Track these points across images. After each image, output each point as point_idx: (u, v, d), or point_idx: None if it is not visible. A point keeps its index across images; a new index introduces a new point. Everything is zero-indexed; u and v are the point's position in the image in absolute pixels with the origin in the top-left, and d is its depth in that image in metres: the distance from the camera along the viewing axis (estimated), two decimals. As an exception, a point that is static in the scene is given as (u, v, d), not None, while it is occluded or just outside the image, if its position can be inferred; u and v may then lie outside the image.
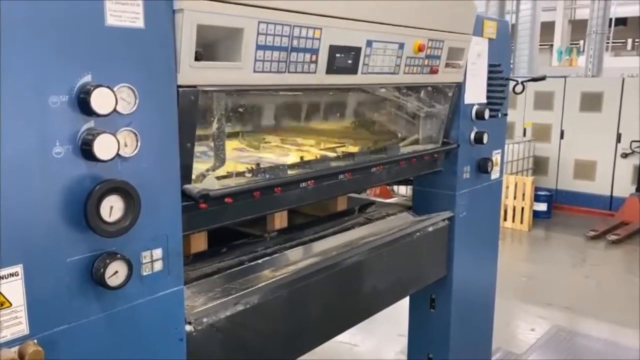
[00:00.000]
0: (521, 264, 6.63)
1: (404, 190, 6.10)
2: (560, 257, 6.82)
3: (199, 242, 2.02)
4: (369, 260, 2.38)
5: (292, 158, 2.32)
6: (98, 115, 1.25)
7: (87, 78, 1.26)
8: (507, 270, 5.50)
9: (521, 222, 7.90)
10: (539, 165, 9.10)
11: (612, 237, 7.31)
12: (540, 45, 14.08)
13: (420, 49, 2.24)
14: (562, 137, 8.93)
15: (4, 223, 1.16)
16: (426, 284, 2.88)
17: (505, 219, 7.89)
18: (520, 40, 12.04)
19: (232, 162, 1.95)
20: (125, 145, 1.34)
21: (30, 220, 1.21)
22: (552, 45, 19.55)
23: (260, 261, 2.07)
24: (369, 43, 2.01)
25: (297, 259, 2.18)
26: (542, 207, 8.34)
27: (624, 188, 8.41)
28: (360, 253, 2.34)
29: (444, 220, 2.86)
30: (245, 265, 2.01)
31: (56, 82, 1.21)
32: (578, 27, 18.12)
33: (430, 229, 2.79)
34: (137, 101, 1.35)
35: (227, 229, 1.89)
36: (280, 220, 2.37)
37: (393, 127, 2.82)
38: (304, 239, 2.35)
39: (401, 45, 2.16)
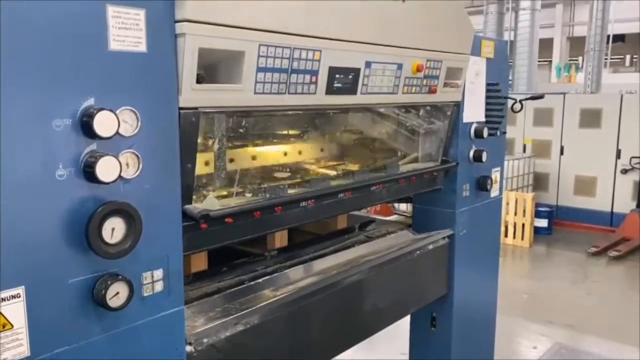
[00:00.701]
0: (522, 281, 6.60)
1: (404, 206, 6.09)
2: (562, 274, 6.79)
3: (199, 262, 2.03)
4: (369, 279, 2.38)
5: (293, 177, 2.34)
6: (101, 138, 1.27)
7: (90, 101, 1.28)
8: (508, 287, 5.48)
9: (522, 239, 7.89)
10: (539, 181, 9.10)
11: (614, 254, 7.29)
12: (539, 61, 14.19)
13: (419, 69, 2.27)
14: (562, 153, 8.95)
15: (7, 245, 1.17)
16: (427, 302, 2.88)
17: (505, 235, 7.87)
18: (519, 56, 12.14)
19: (232, 182, 1.97)
20: (127, 167, 1.36)
21: (33, 241, 1.22)
22: (551, 62, 19.68)
23: (260, 280, 2.07)
24: (368, 64, 2.04)
25: (298, 278, 2.18)
26: (542, 223, 8.32)
27: (624, 204, 8.42)
28: (361, 272, 2.34)
29: (444, 238, 2.87)
30: (245, 285, 2.02)
31: (60, 106, 1.23)
32: (576, 44, 18.27)
33: (431, 247, 2.79)
34: (139, 123, 1.37)
35: (227, 247, 1.90)
36: (280, 238, 2.37)
37: (393, 144, 2.84)
38: (304, 258, 2.35)
39: (400, 66, 2.19)
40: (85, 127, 1.26)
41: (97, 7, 1.27)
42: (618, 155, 8.44)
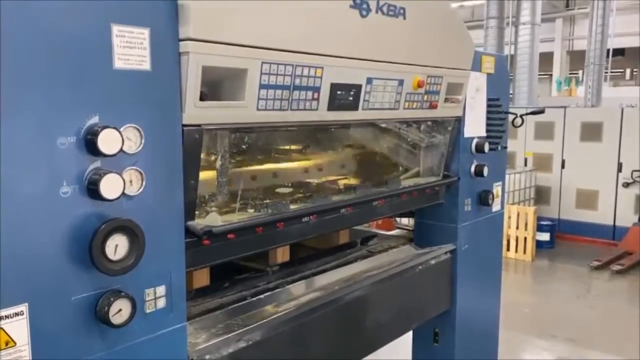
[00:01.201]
0: (525, 295, 6.57)
1: (406, 219, 6.09)
2: (564, 288, 6.76)
3: (202, 277, 2.03)
4: (371, 294, 2.38)
5: (294, 190, 2.34)
6: (105, 156, 1.28)
7: (95, 119, 1.29)
8: (511, 301, 5.45)
9: (524, 252, 7.85)
10: (540, 195, 9.10)
11: (616, 267, 7.25)
12: (540, 75, 14.23)
13: (420, 85, 2.28)
14: (563, 166, 8.95)
15: (10, 262, 1.18)
16: (429, 317, 2.87)
17: (508, 249, 7.84)
18: (520, 70, 12.16)
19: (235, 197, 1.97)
20: (131, 184, 1.37)
21: (36, 259, 1.22)
22: (551, 75, 19.75)
23: (262, 296, 2.07)
24: (369, 80, 2.05)
25: (300, 293, 2.18)
26: (545, 236, 8.29)
27: (626, 217, 8.39)
28: (363, 287, 2.33)
29: (446, 253, 2.86)
30: (247, 301, 2.01)
31: (64, 124, 1.25)
32: (576, 57, 18.33)
33: (433, 262, 2.79)
34: (142, 141, 1.38)
35: (230, 263, 1.90)
36: (282, 254, 2.37)
37: (394, 159, 2.85)
38: (306, 273, 2.35)
39: (401, 82, 2.21)
40: (90, 144, 1.27)
41: (102, 26, 1.29)
42: (619, 169, 8.44)
